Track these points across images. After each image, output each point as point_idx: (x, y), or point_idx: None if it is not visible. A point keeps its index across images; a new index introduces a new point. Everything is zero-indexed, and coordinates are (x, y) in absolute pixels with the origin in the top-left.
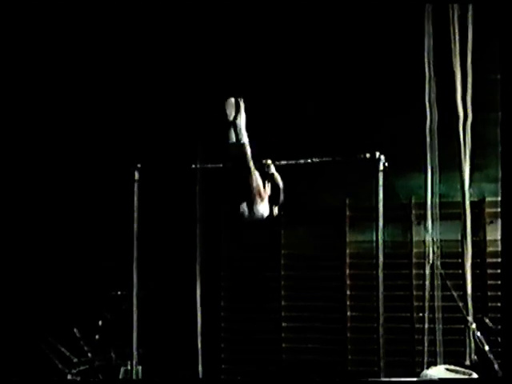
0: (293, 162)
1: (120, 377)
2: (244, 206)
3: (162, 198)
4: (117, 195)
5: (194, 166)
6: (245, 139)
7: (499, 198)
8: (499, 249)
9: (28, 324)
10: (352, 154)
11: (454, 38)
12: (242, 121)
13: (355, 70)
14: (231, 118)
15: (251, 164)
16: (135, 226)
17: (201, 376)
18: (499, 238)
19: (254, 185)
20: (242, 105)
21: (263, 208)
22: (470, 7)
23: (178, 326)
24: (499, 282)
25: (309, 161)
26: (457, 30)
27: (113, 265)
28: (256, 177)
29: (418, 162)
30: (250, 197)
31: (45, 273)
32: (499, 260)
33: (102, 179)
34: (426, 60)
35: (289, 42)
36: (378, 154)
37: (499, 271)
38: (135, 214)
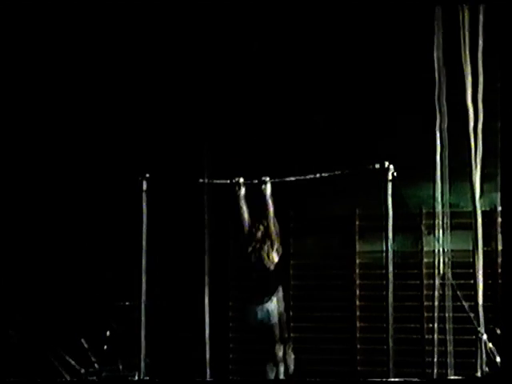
0: (301, 177)
1: None
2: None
3: (170, 208)
4: (125, 205)
5: (201, 180)
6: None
7: None
8: None
9: (36, 335)
10: (361, 163)
11: (465, 44)
12: None
13: (363, 80)
14: None
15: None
16: (144, 235)
17: None
18: None
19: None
20: None
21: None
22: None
23: (186, 336)
24: None
25: (318, 176)
26: (467, 34)
27: (121, 275)
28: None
29: (428, 171)
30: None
31: (52, 283)
32: None
33: (111, 189)
34: (436, 69)
35: (297, 53)
36: (387, 163)
37: None
38: (144, 224)
